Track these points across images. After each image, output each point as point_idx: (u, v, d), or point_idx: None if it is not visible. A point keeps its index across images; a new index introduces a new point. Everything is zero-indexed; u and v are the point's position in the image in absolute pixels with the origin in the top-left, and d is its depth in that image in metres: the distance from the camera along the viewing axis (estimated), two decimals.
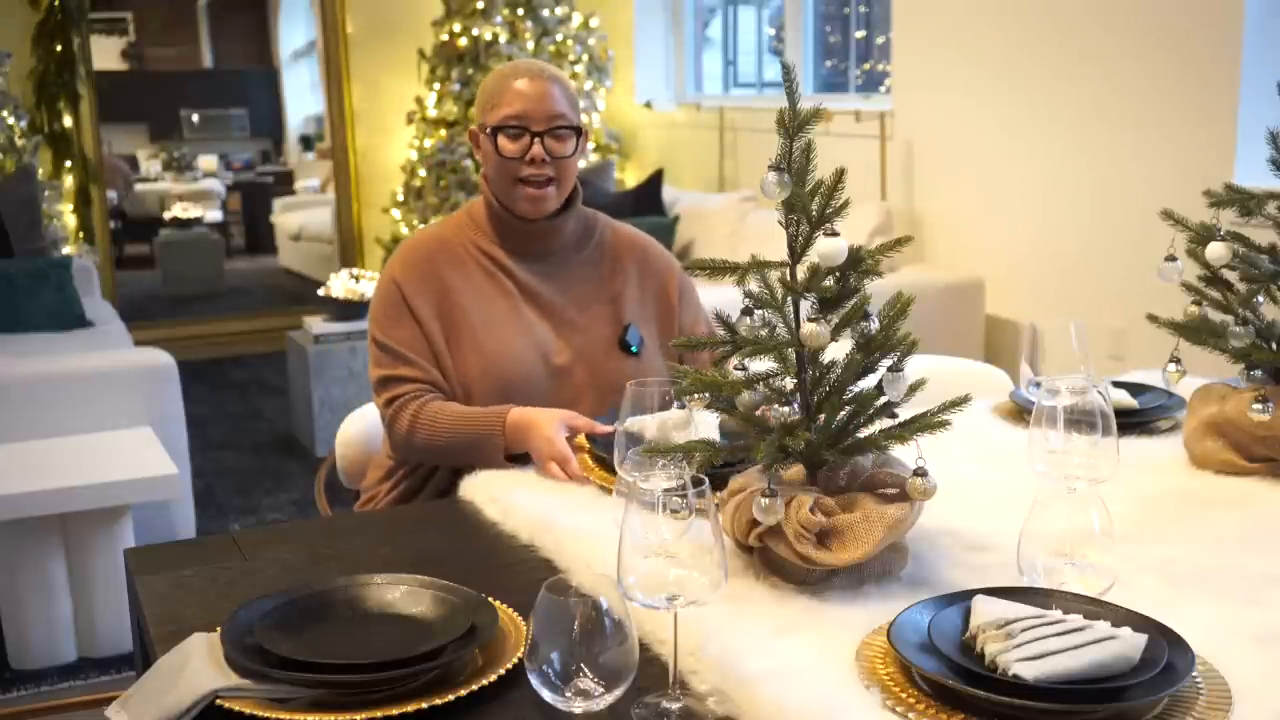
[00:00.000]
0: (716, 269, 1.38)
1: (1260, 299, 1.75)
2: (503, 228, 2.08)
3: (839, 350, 1.39)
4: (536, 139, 2.00)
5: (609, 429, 1.79)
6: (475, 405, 2.00)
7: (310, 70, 9.07)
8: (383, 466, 2.13)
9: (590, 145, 2.17)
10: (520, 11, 6.26)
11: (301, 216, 8.77)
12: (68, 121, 6.11)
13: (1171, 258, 1.80)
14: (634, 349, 2.08)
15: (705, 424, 1.55)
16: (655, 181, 5.89)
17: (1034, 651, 1.11)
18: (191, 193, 9.51)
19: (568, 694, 1.03)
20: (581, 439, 1.87)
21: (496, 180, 2.05)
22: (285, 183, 9.78)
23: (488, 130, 2.03)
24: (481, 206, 2.11)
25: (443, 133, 6.29)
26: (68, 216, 6.09)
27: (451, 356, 2.02)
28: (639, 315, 2.13)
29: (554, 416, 1.88)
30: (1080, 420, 1.42)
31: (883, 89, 5.54)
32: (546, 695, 1.04)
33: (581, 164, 2.10)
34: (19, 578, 3.06)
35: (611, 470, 1.62)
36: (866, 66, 5.82)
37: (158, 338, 5.57)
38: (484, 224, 2.10)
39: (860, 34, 5.84)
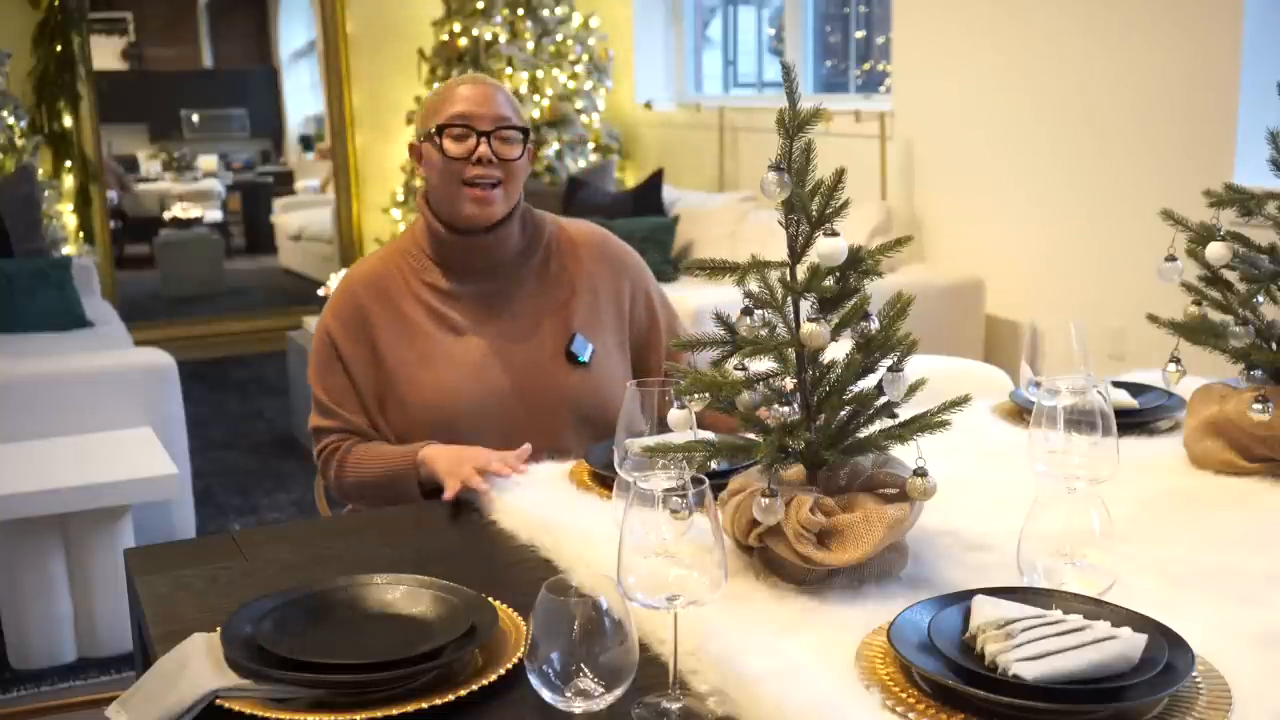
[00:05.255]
0: (716, 269, 1.38)
1: (1260, 299, 1.75)
2: (443, 249, 2.02)
3: (839, 350, 1.39)
4: (483, 139, 1.95)
5: (523, 468, 1.78)
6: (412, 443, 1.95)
7: (310, 70, 9.07)
8: None
9: (533, 151, 2.12)
10: (520, 11, 6.26)
11: (301, 216, 8.78)
12: (68, 121, 6.11)
13: (1171, 258, 1.80)
14: (581, 359, 2.01)
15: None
16: (655, 181, 5.89)
17: (1034, 651, 1.11)
18: (191, 193, 9.53)
19: (568, 694, 1.03)
20: (581, 464, 1.84)
21: (440, 187, 1.99)
22: (285, 183, 9.79)
23: (432, 131, 1.97)
24: (423, 228, 2.04)
25: None
26: (68, 216, 6.09)
27: (388, 402, 1.98)
28: (592, 321, 2.05)
29: (470, 450, 1.84)
30: (1080, 420, 1.42)
31: (883, 89, 5.54)
32: (546, 695, 1.04)
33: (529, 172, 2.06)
34: (19, 578, 3.06)
35: (609, 486, 1.61)
36: (866, 66, 5.82)
37: (158, 338, 5.57)
38: (425, 247, 2.03)
39: (860, 34, 5.84)
